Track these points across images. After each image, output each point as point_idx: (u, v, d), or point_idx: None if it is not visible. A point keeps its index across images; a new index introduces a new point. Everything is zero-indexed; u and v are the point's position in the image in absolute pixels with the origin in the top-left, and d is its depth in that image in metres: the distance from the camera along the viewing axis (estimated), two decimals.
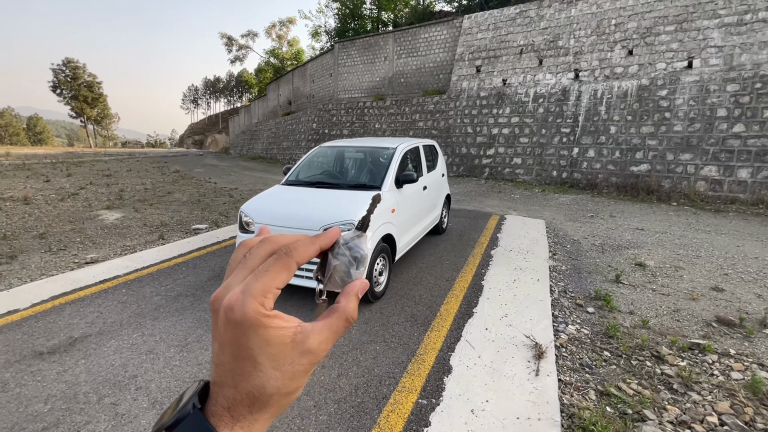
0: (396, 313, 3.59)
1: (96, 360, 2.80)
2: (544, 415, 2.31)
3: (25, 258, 5.18)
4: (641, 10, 11.44)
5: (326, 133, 19.99)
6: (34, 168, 17.46)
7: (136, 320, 3.40)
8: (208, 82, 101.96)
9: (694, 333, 3.39)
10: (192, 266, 4.79)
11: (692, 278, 4.66)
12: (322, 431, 2.18)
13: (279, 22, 41.21)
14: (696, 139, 10.09)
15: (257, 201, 4.00)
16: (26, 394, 2.44)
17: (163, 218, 7.68)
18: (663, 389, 2.64)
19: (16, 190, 10.63)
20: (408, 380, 2.63)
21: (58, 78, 59.18)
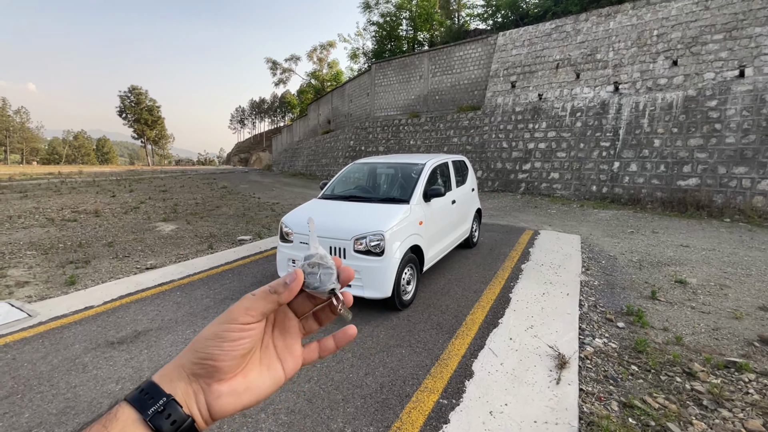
0: (422, 321, 3.75)
1: (156, 351, 3.21)
2: (562, 420, 2.38)
3: (97, 263, 5.88)
4: (685, 20, 11.06)
5: (363, 150, 20.64)
6: (102, 185, 19.44)
7: (189, 319, 3.82)
8: (254, 103, 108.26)
9: (732, 352, 3.27)
10: (237, 273, 5.24)
11: (738, 297, 4.44)
12: (349, 421, 2.39)
13: (320, 46, 43.46)
14: (751, 151, 9.48)
15: (296, 213, 4.37)
16: (101, 375, 2.86)
17: (212, 230, 8.35)
18: (691, 404, 2.61)
19: (88, 204, 11.95)
20: (430, 381, 2.78)
21: (123, 103, 65.55)
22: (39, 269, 5.57)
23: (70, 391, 2.66)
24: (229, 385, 0.44)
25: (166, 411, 0.40)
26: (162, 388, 0.42)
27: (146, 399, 0.41)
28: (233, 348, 0.43)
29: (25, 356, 3.11)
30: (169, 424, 0.40)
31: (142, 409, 0.40)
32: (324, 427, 2.34)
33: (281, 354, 0.49)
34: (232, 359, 0.44)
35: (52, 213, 10.26)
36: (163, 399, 0.41)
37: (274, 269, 5.37)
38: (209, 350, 0.43)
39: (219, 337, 0.43)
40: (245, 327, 0.44)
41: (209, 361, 0.43)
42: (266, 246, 6.73)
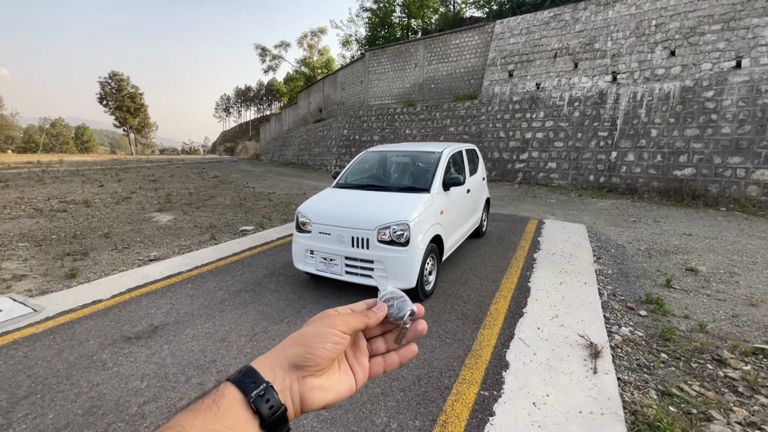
0: (447, 311, 3.70)
1: (177, 346, 3.08)
2: (607, 410, 2.36)
3: (96, 255, 5.65)
4: (684, 10, 11.10)
5: (357, 139, 20.38)
6: (86, 174, 18.77)
7: (206, 312, 3.69)
8: (239, 91, 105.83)
9: (756, 338, 3.32)
10: (247, 264, 5.09)
11: (749, 284, 4.51)
12: (393, 415, 2.32)
13: (311, 32, 42.46)
14: (746, 141, 9.65)
15: (313, 203, 4.23)
16: (124, 372, 2.72)
17: (211, 220, 8.12)
18: (727, 392, 2.63)
19: (76, 194, 11.50)
20: (468, 373, 2.74)
21: (104, 90, 63.15)
22: (35, 262, 5.32)
23: (93, 390, 2.53)
24: (319, 381, 0.49)
25: (266, 396, 0.44)
26: (261, 375, 0.46)
27: (248, 382, 0.44)
28: (332, 350, 0.49)
29: (38, 353, 2.95)
30: (267, 408, 0.43)
31: (245, 392, 0.43)
32: (368, 421, 2.27)
33: (353, 366, 0.55)
34: (329, 360, 0.50)
35: (39, 203, 9.84)
36: (263, 384, 0.45)
37: (285, 260, 5.24)
38: (315, 346, 0.49)
39: (323, 337, 0.49)
40: (342, 335, 0.51)
41: (312, 355, 0.48)
42: (271, 236, 6.58)
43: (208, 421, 0.40)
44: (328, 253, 3.83)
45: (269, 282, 4.45)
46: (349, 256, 3.72)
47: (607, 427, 2.22)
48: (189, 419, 0.40)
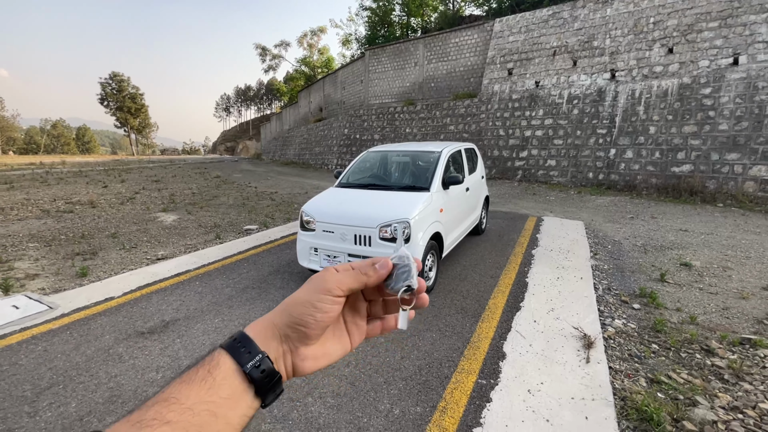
0: (446, 306, 3.84)
1: (189, 340, 3.22)
2: (598, 396, 2.50)
3: (105, 254, 5.80)
4: (682, 7, 11.18)
5: (358, 138, 20.50)
6: (90, 175, 18.94)
7: (214, 308, 3.83)
8: (239, 90, 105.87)
9: (744, 329, 3.45)
10: (252, 262, 5.23)
11: (742, 278, 4.64)
12: (395, 402, 2.46)
13: (310, 32, 42.52)
14: (743, 138, 9.74)
15: (316, 202, 4.37)
16: (139, 364, 2.87)
17: (215, 220, 8.27)
18: (714, 379, 2.76)
19: (81, 195, 11.66)
20: (466, 363, 2.87)
21: (105, 91, 63.33)
22: (46, 261, 5.47)
23: (111, 381, 2.67)
24: (312, 350, 0.49)
25: (262, 366, 0.44)
26: (256, 343, 0.45)
27: (242, 351, 0.44)
28: (323, 318, 0.47)
29: (57, 348, 3.10)
30: (263, 377, 0.44)
31: (241, 362, 0.43)
32: (372, 408, 2.41)
33: (349, 327, 0.53)
34: (321, 328, 0.48)
35: (46, 204, 10.00)
36: (258, 355, 0.44)
37: (289, 258, 5.38)
38: (304, 317, 0.47)
39: (313, 306, 0.47)
40: (336, 299, 0.48)
41: (302, 327, 0.47)
42: (275, 235, 6.72)
43: (203, 393, 0.40)
44: (331, 250, 3.97)
45: (274, 279, 4.59)
46: (352, 253, 3.86)
47: (597, 412, 2.35)
48: (184, 391, 0.40)
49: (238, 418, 0.42)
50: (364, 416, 2.34)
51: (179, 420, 0.37)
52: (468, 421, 2.30)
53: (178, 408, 0.38)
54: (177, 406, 0.38)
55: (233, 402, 0.42)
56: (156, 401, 0.39)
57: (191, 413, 0.38)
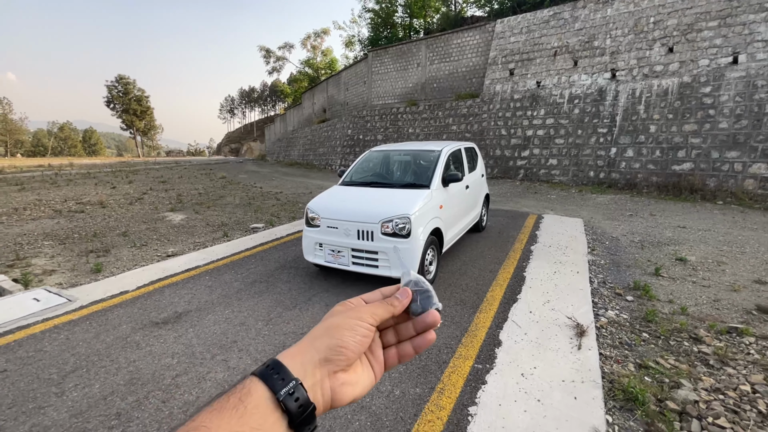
0: (446, 298, 4.00)
1: (201, 329, 3.41)
2: (587, 378, 2.65)
3: (117, 252, 6.01)
4: (681, 7, 11.26)
5: (361, 138, 20.69)
6: (98, 176, 19.27)
7: (224, 300, 4.01)
8: (243, 92, 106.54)
9: (733, 319, 3.58)
10: (259, 259, 5.42)
11: (735, 272, 4.76)
12: (396, 384, 2.63)
13: (314, 34, 42.86)
14: (743, 136, 9.82)
15: (321, 199, 4.54)
16: (156, 351, 3.06)
17: (222, 219, 8.47)
18: (699, 364, 2.90)
19: (91, 196, 11.94)
20: (464, 350, 3.03)
21: (111, 93, 64.10)
22: (61, 258, 5.69)
23: (131, 365, 2.86)
24: (348, 376, 0.48)
25: (295, 394, 0.43)
26: (289, 370, 0.44)
27: (276, 378, 0.43)
28: (361, 343, 0.48)
29: (78, 336, 3.29)
30: (296, 407, 0.42)
31: (274, 389, 0.42)
32: (374, 389, 2.58)
33: (370, 360, 0.53)
34: (358, 353, 0.49)
35: (57, 204, 10.26)
36: (292, 382, 0.43)
37: (295, 254, 5.56)
38: (345, 339, 0.47)
39: (352, 329, 0.48)
40: (370, 327, 0.50)
41: (343, 348, 0.47)
42: (281, 233, 6.91)
43: (234, 422, 0.39)
44: (335, 245, 4.14)
45: (281, 274, 4.78)
46: (356, 248, 4.03)
47: (586, 393, 2.50)
48: (214, 419, 0.39)
49: None
50: (366, 396, 2.51)
51: None
52: (464, 400, 2.46)
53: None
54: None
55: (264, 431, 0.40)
56: (187, 428, 0.38)
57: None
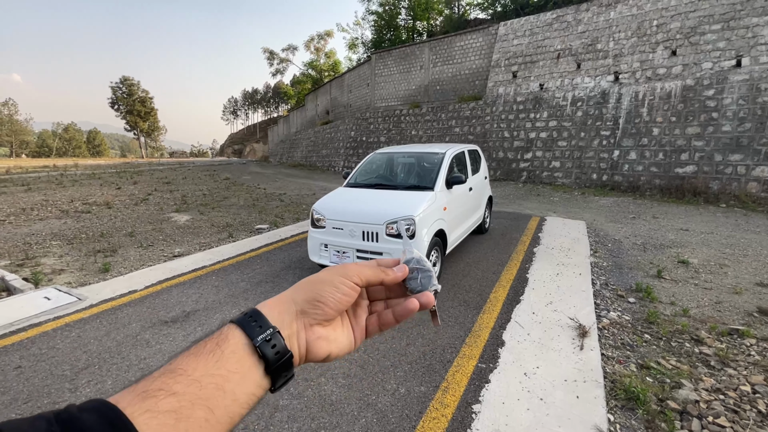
0: (450, 299, 4.05)
1: (209, 327, 3.47)
2: (589, 378, 2.69)
3: (124, 252, 6.09)
4: (685, 10, 11.30)
5: (364, 140, 20.78)
6: (103, 177, 19.42)
7: (231, 300, 4.08)
8: (246, 93, 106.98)
9: (734, 321, 3.61)
10: (265, 259, 5.49)
11: (737, 275, 4.78)
12: (401, 383, 2.68)
13: (317, 36, 43.08)
14: (747, 139, 9.83)
15: (326, 200, 4.61)
16: (166, 349, 3.12)
17: (227, 220, 8.55)
18: (700, 365, 2.94)
19: (97, 196, 12.05)
20: (467, 350, 3.08)
21: (116, 95, 64.52)
22: (69, 258, 5.77)
23: (141, 363, 2.92)
24: (325, 330, 0.49)
25: (273, 341, 0.43)
26: (268, 319, 0.44)
27: (253, 326, 0.43)
28: (341, 300, 0.49)
29: (89, 334, 3.36)
30: (273, 353, 0.42)
31: (251, 335, 0.42)
32: (380, 387, 2.63)
33: (352, 323, 0.53)
34: (338, 310, 0.49)
35: (64, 205, 10.37)
36: (269, 329, 0.43)
37: (300, 255, 5.63)
38: (325, 294, 0.48)
39: (334, 286, 0.49)
40: (354, 286, 0.50)
41: (321, 303, 0.47)
42: (286, 234, 6.97)
43: (210, 365, 0.39)
44: (340, 246, 4.20)
45: (287, 274, 4.84)
46: (360, 248, 4.09)
47: (588, 392, 2.55)
48: (191, 363, 0.39)
49: (245, 395, 0.40)
50: (372, 394, 2.56)
51: (185, 392, 0.36)
52: (468, 399, 2.51)
53: (185, 380, 0.37)
54: (184, 377, 0.37)
55: (240, 377, 0.40)
56: (163, 372, 0.38)
57: (198, 386, 0.37)
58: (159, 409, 0.34)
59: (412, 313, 0.52)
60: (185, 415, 0.35)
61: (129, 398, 0.35)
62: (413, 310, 0.52)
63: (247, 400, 0.41)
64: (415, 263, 0.54)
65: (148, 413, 0.34)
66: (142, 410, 0.34)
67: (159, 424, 0.34)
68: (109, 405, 0.33)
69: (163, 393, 0.36)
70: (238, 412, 0.40)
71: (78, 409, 0.33)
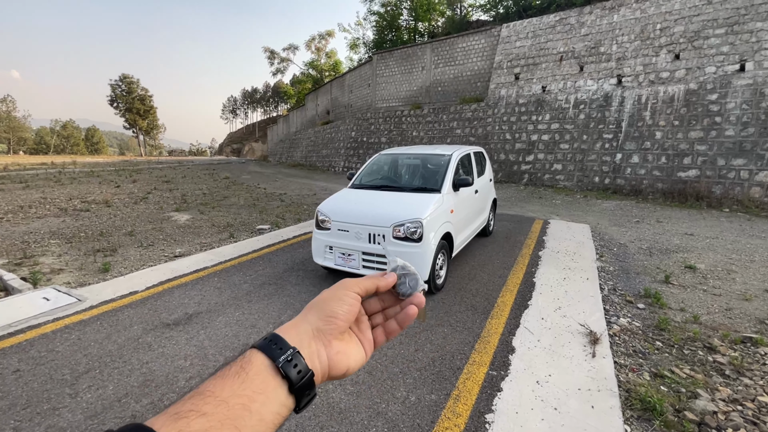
0: (456, 303, 3.99)
1: (213, 331, 3.40)
2: (603, 387, 2.63)
3: (124, 251, 6.00)
4: (688, 14, 11.28)
5: (365, 141, 20.71)
6: (101, 175, 19.30)
7: (234, 302, 4.00)
8: (246, 92, 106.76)
9: (746, 329, 3.56)
10: (267, 260, 5.41)
11: (745, 281, 4.74)
12: (411, 390, 2.61)
13: (318, 35, 42.99)
14: (750, 143, 9.81)
15: (331, 202, 4.54)
16: (168, 353, 3.04)
17: (228, 220, 8.47)
18: (715, 374, 2.88)
19: (95, 195, 11.95)
20: (477, 356, 3.02)
21: (115, 92, 64.29)
22: (68, 257, 5.69)
23: (144, 367, 2.85)
24: (342, 344, 0.51)
25: (294, 361, 0.45)
26: (287, 341, 0.47)
27: (274, 348, 0.46)
28: (349, 312, 0.52)
29: (89, 336, 3.28)
30: (296, 373, 0.44)
31: (273, 357, 0.45)
32: (389, 395, 2.56)
33: (359, 337, 0.56)
34: (347, 321, 0.52)
35: (62, 203, 10.27)
36: (290, 350, 0.46)
37: (302, 256, 5.55)
38: (334, 308, 0.51)
39: (340, 299, 0.52)
40: (356, 296, 0.53)
41: (333, 317, 0.50)
42: (288, 235, 6.90)
43: (236, 387, 0.41)
44: (346, 248, 4.13)
45: (290, 276, 4.77)
46: (366, 251, 4.02)
47: (603, 401, 2.49)
48: (218, 385, 0.41)
49: (271, 415, 0.42)
50: (382, 402, 2.50)
51: (214, 413, 0.38)
52: (480, 408, 2.44)
53: (213, 401, 0.39)
54: (212, 399, 0.39)
55: (265, 397, 0.42)
56: (192, 395, 0.40)
57: (226, 406, 0.39)
58: (190, 429, 0.36)
59: (413, 318, 0.57)
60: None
61: (162, 420, 0.37)
62: (413, 315, 0.56)
63: (273, 419, 0.42)
64: (401, 270, 0.59)
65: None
66: (174, 431, 0.36)
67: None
68: (146, 428, 0.35)
69: (194, 414, 0.38)
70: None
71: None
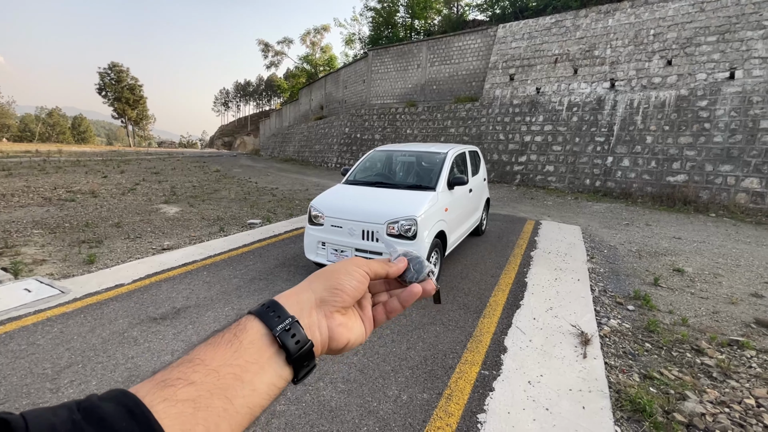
0: (449, 302, 3.97)
1: (201, 326, 3.33)
2: (594, 388, 2.64)
3: (110, 243, 5.86)
4: (681, 21, 11.43)
5: (358, 137, 20.61)
6: (88, 165, 18.87)
7: (224, 297, 3.93)
8: (238, 85, 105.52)
9: (733, 332, 3.61)
10: (258, 255, 5.33)
11: (731, 285, 4.82)
12: (403, 389, 2.59)
13: (314, 30, 42.59)
14: (737, 150, 10.00)
15: (325, 197, 4.48)
16: (154, 348, 2.97)
17: (218, 213, 8.34)
18: (703, 376, 2.91)
19: (82, 184, 11.66)
20: (469, 355, 3.01)
21: (103, 81, 62.89)
22: (52, 248, 5.53)
23: (128, 362, 2.77)
24: (343, 317, 0.49)
25: (292, 330, 0.43)
26: (286, 309, 0.44)
27: (272, 316, 0.43)
28: (356, 288, 0.50)
29: (72, 330, 3.18)
30: (293, 343, 0.42)
31: (270, 326, 0.42)
32: (381, 393, 2.53)
33: (361, 315, 0.54)
34: (354, 297, 0.50)
35: (47, 192, 10.00)
36: (288, 319, 0.43)
37: (294, 252, 5.49)
38: (342, 281, 0.49)
39: (350, 273, 0.50)
40: (365, 274, 0.51)
41: (339, 290, 0.48)
42: (279, 230, 6.82)
43: (228, 356, 0.39)
44: (339, 245, 4.08)
45: (281, 272, 4.70)
46: (359, 248, 3.98)
47: (594, 402, 2.49)
48: (209, 353, 0.39)
49: (265, 386, 0.40)
50: (373, 401, 2.47)
51: (204, 381, 0.36)
52: (472, 407, 2.43)
53: (203, 369, 0.37)
54: (202, 367, 0.37)
55: (259, 367, 0.40)
56: (181, 362, 0.38)
57: (216, 375, 0.37)
58: (177, 398, 0.35)
59: (416, 297, 0.54)
60: (203, 404, 0.35)
61: (148, 387, 0.35)
62: (417, 293, 0.54)
63: (267, 390, 0.40)
64: (407, 255, 0.57)
65: (167, 402, 0.34)
66: (160, 399, 0.34)
67: (177, 412, 0.34)
68: (129, 394, 0.34)
69: (182, 382, 0.36)
70: (258, 403, 0.39)
71: (98, 398, 0.33)
